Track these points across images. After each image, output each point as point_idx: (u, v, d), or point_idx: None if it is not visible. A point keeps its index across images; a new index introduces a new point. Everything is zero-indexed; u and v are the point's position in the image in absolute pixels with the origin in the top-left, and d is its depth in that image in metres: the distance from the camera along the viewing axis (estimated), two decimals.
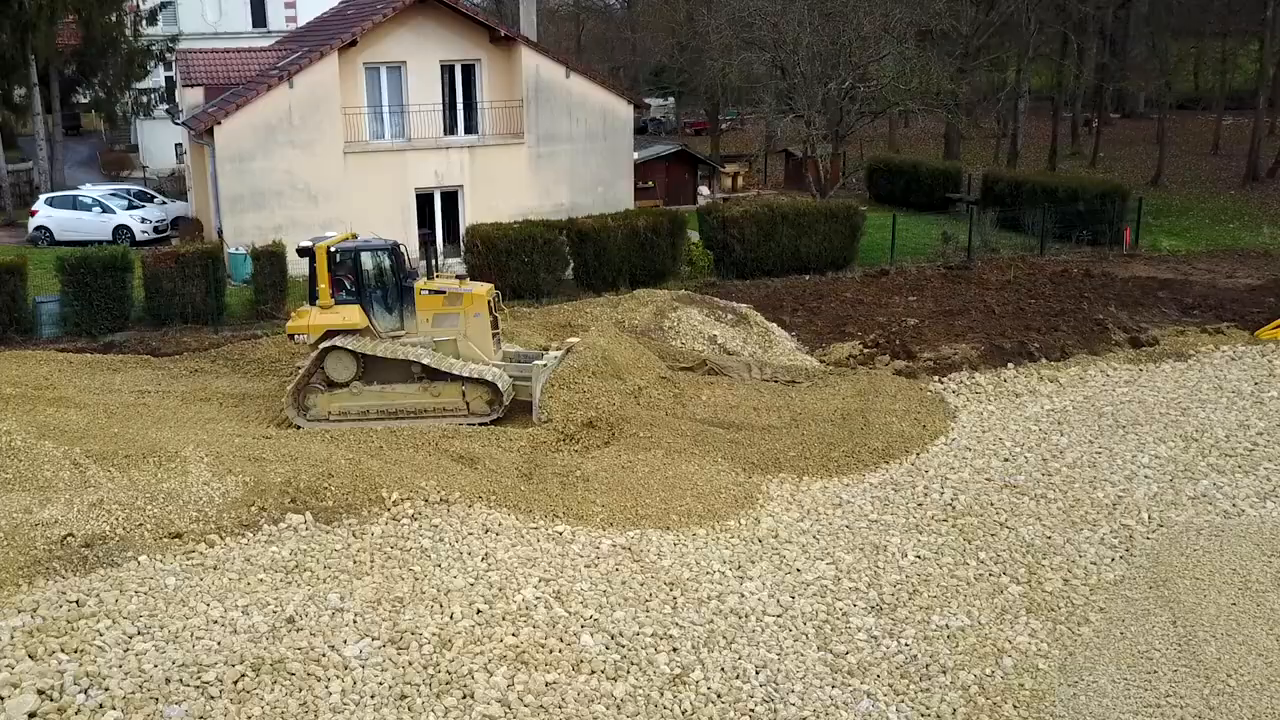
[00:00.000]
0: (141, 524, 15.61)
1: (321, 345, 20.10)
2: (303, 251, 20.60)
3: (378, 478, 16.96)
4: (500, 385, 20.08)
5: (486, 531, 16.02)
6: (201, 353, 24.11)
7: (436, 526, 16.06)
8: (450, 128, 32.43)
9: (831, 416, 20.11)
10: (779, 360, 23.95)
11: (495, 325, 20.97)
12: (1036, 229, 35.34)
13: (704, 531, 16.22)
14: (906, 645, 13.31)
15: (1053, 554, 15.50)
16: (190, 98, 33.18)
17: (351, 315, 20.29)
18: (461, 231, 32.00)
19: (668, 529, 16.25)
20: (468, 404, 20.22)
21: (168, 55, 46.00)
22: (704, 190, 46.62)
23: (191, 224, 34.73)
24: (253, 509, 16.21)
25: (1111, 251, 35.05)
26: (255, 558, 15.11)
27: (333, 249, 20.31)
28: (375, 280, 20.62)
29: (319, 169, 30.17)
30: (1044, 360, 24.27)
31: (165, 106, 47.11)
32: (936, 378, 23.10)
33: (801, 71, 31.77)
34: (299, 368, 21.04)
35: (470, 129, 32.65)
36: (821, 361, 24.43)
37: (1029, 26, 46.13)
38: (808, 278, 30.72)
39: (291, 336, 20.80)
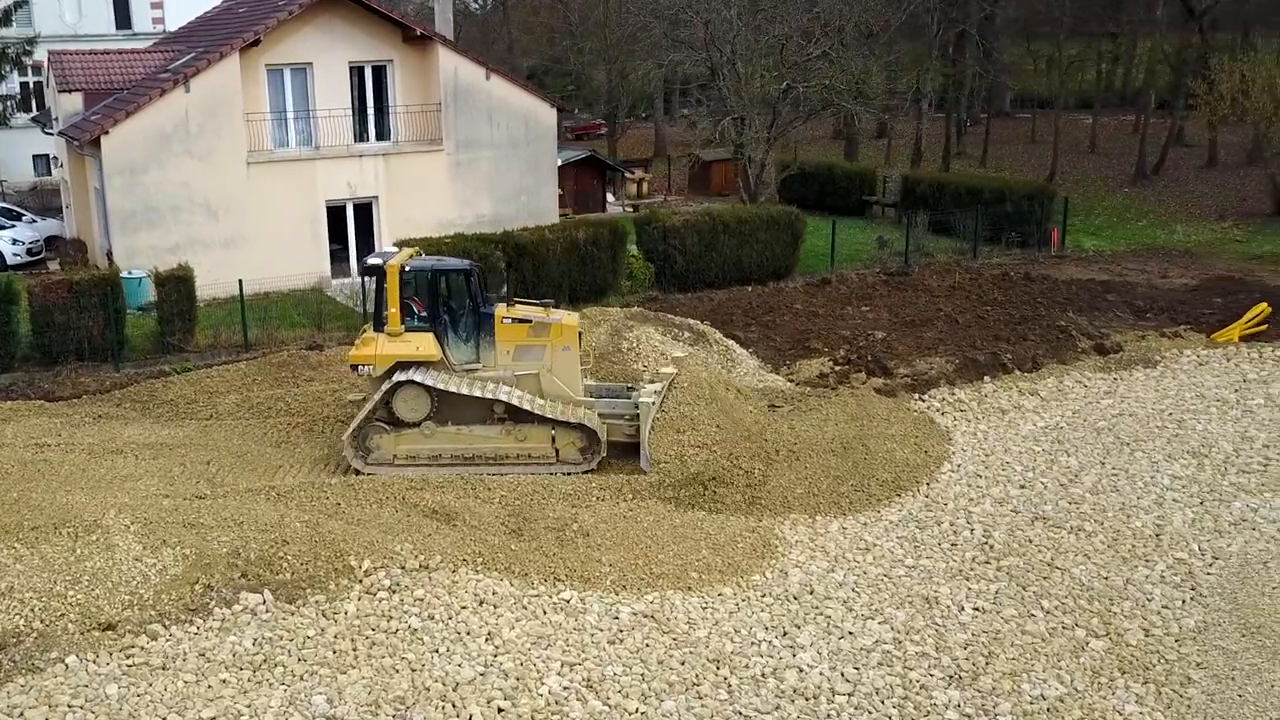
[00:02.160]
0: (64, 615, 12.95)
1: (394, 379, 17.19)
2: (370, 270, 17.77)
3: (342, 542, 14.45)
4: (600, 432, 17.46)
5: (481, 603, 13.69)
6: (104, 395, 20.86)
7: (421, 600, 13.68)
8: (361, 134, 29.60)
9: (831, 446, 18.23)
10: (745, 382, 22.00)
11: (584, 360, 18.45)
12: (965, 231, 34.22)
13: (730, 591, 14.15)
14: None
15: (1118, 599, 13.89)
16: (67, 104, 29.51)
17: (426, 345, 17.35)
18: (378, 247, 29.26)
19: (689, 589, 14.14)
20: (557, 451, 17.51)
21: (24, 59, 41.59)
22: (610, 197, 44.56)
23: (70, 245, 30.92)
24: (197, 588, 13.60)
25: (1041, 253, 34.21)
26: (211, 652, 12.55)
27: (407, 267, 17.40)
28: (451, 305, 17.84)
29: (220, 181, 27.06)
30: (1017, 371, 22.95)
31: (31, 115, 42.65)
32: (917, 395, 21.57)
33: (737, 71, 29.92)
34: (353, 401, 18.32)
35: (383, 135, 29.89)
36: (791, 381, 22.61)
37: (933, 27, 45.30)
38: (750, 289, 28.89)
39: (355, 368, 17.71)
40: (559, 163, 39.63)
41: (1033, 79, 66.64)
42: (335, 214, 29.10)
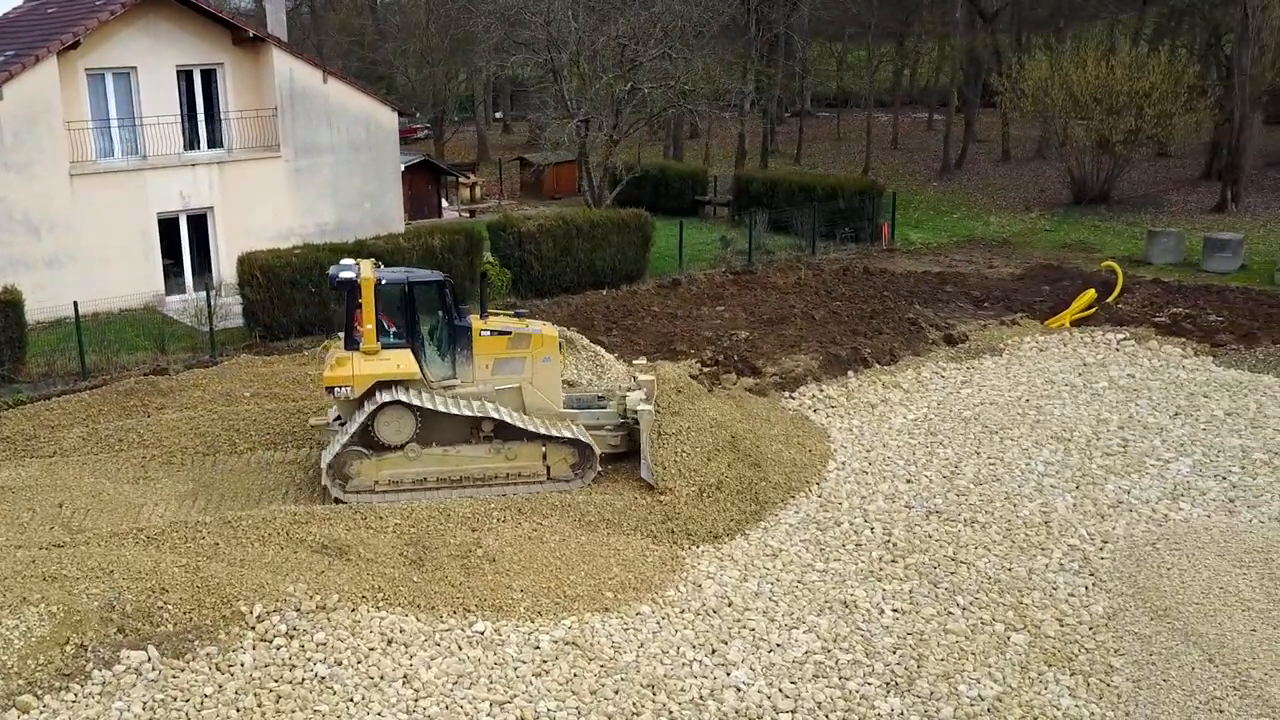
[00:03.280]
0: None
1: (378, 399, 15.74)
2: (342, 285, 16.00)
3: (227, 586, 13.11)
4: (594, 446, 16.43)
5: (390, 642, 12.61)
6: None
7: (324, 644, 12.50)
8: (193, 142, 27.45)
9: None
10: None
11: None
12: (802, 229, 34.44)
13: (649, 609, 13.47)
14: None
15: (1026, 589, 13.87)
16: None
17: (405, 362, 15.94)
18: (215, 261, 27.24)
19: (607, 610, 13.39)
20: (548, 468, 16.37)
21: None
22: (444, 203, 43.12)
23: None
24: (69, 649, 12.09)
25: (873, 247, 34.75)
26: None
27: (383, 281, 15.91)
28: (428, 320, 16.48)
29: (41, 195, 24.55)
30: (877, 365, 23.03)
31: None
32: (787, 394, 21.33)
33: (581, 73, 29.12)
34: (316, 425, 16.94)
35: (216, 142, 27.79)
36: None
37: (755, 28, 45.59)
38: (605, 292, 28.21)
39: (330, 390, 16.01)
40: None
41: (835, 79, 68.14)
42: (168, 227, 26.87)
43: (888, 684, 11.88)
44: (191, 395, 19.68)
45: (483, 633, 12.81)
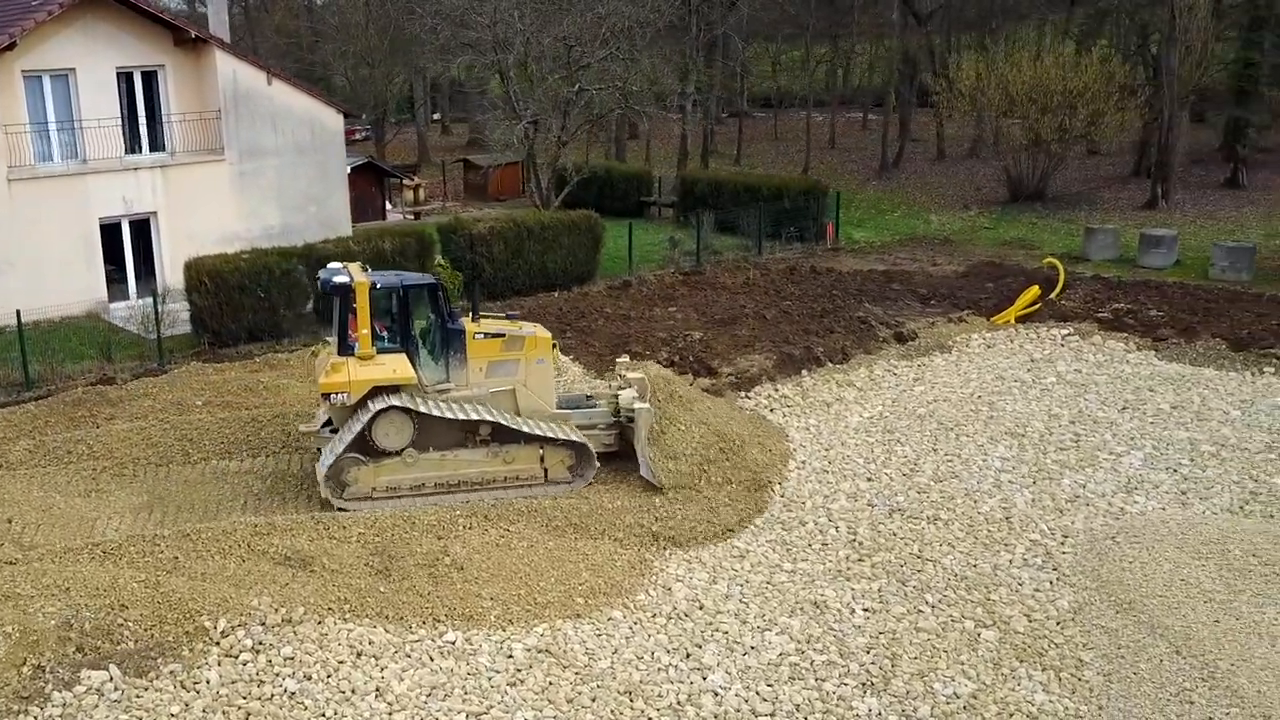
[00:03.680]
0: None
1: (377, 404, 15.36)
2: (336, 289, 15.56)
3: (189, 601, 12.69)
4: (591, 446, 16.29)
5: (359, 655, 12.29)
6: None
7: (292, 658, 12.14)
8: (134, 145, 26.67)
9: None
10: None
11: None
12: (748, 229, 34.43)
13: (620, 614, 13.29)
14: None
15: (993, 585, 13.92)
16: None
17: (401, 367, 15.56)
18: (159, 266, 26.54)
19: (579, 616, 13.18)
20: (546, 470, 16.14)
21: None
22: (388, 205, 42.51)
23: None
24: (26, 670, 11.64)
25: (818, 246, 34.87)
26: None
27: (378, 285, 15.55)
28: (420, 323, 16.15)
29: None
30: (830, 364, 23.07)
31: None
32: (743, 393, 21.27)
33: (528, 74, 28.77)
34: (306, 433, 16.62)
35: (159, 146, 27.04)
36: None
37: (695, 30, 45.54)
38: (557, 294, 27.97)
39: (326, 397, 15.54)
40: None
41: (772, 79, 68.42)
42: (110, 232, 26.09)
43: (864, 684, 11.82)
44: (141, 405, 19.09)
45: (454, 643, 12.54)
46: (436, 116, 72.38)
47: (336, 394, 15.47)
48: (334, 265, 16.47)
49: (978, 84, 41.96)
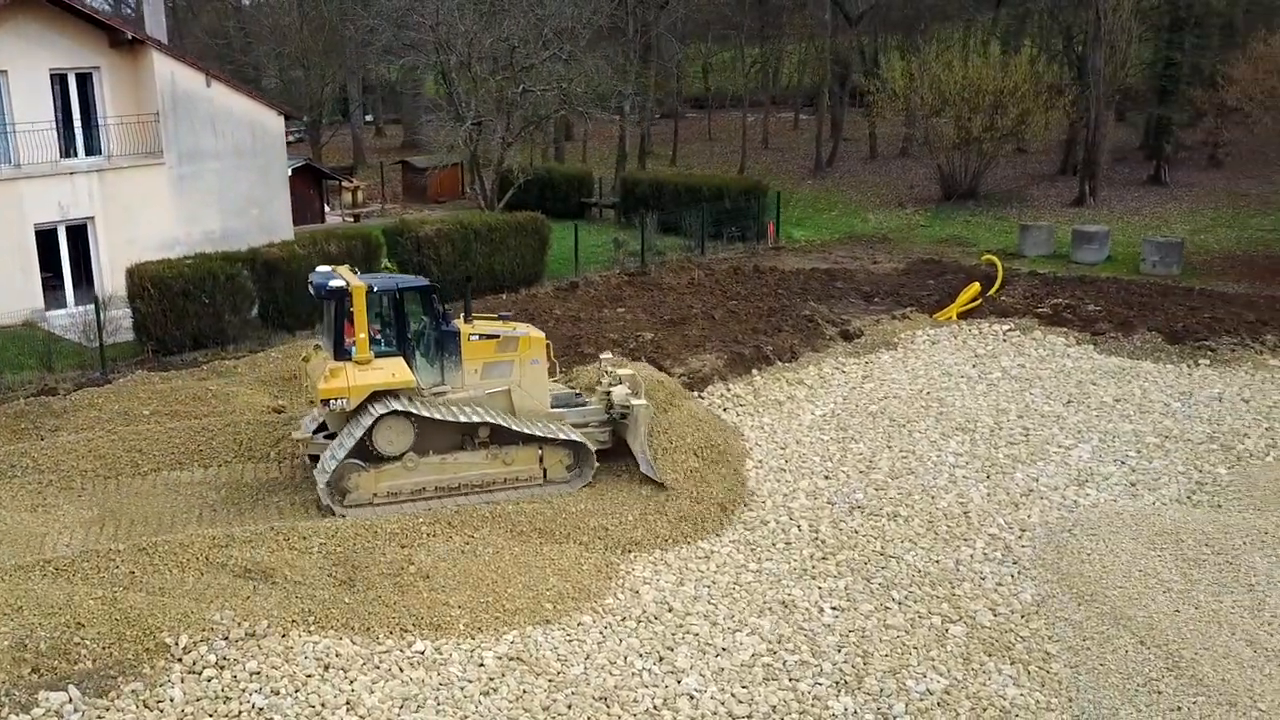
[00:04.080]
0: None
1: (379, 409, 15.06)
2: (331, 293, 15.05)
3: (149, 617, 12.31)
4: (590, 445, 16.14)
5: (327, 668, 11.99)
6: None
7: (257, 673, 11.82)
8: (69, 149, 25.82)
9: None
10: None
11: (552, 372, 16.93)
12: (690, 229, 34.37)
13: (590, 619, 13.14)
14: None
15: (956, 581, 14.00)
16: None
17: (400, 370, 15.21)
18: (97, 273, 25.74)
19: (548, 622, 13.00)
20: (544, 470, 15.97)
21: None
22: (327, 208, 41.76)
23: None
24: None
25: (760, 246, 34.94)
26: None
27: (375, 288, 15.25)
28: (414, 326, 15.83)
29: None
30: (779, 362, 23.09)
31: None
32: (696, 393, 21.16)
33: (471, 75, 28.39)
34: (299, 439, 16.25)
35: (94, 149, 26.21)
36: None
37: (633, 30, 45.40)
38: (505, 296, 27.65)
39: (325, 402, 15.09)
40: None
41: (704, 80, 68.60)
42: (46, 239, 25.23)
43: (838, 683, 11.80)
44: (86, 415, 18.44)
45: (423, 653, 12.28)
46: (369, 118, 71.41)
47: (336, 399, 15.18)
48: (324, 269, 16.19)
49: (910, 84, 42.39)
